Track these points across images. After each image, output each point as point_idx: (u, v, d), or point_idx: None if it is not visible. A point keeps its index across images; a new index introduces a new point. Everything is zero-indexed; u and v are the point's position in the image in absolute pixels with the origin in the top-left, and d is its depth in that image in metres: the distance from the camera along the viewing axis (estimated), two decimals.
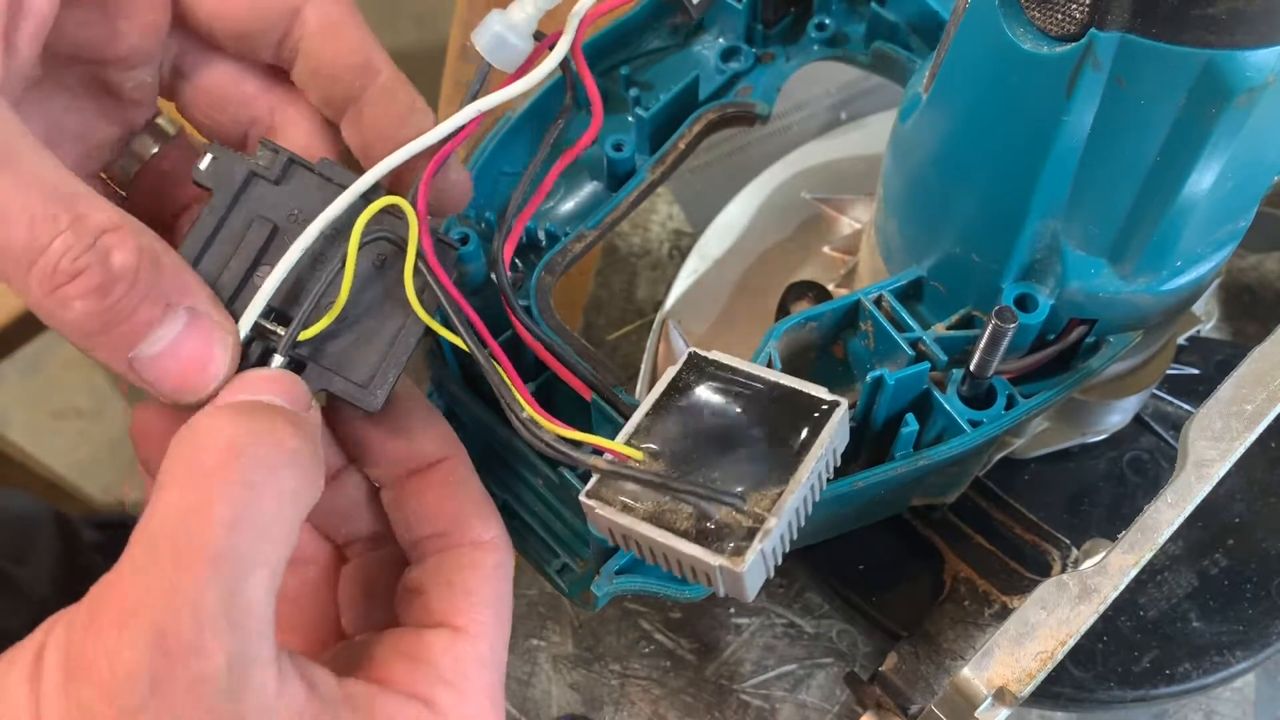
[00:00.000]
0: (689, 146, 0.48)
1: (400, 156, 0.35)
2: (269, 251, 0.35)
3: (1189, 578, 0.49)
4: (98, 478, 1.41)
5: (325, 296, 0.35)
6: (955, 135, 0.37)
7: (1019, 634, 0.36)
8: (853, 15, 0.51)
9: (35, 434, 1.41)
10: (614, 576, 0.39)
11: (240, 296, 0.35)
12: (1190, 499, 0.37)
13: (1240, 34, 0.29)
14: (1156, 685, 0.47)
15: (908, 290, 0.43)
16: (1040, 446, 0.50)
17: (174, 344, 0.32)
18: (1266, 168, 0.35)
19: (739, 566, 0.31)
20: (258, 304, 0.34)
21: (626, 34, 0.49)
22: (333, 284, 0.35)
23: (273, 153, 0.36)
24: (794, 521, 0.33)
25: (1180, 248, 0.36)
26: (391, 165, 0.35)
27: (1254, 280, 0.60)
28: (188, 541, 0.28)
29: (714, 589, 0.33)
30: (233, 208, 0.35)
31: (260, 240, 0.35)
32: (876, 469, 0.40)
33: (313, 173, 0.36)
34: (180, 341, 0.32)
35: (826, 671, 0.53)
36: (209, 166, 0.35)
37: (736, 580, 0.31)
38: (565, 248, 0.45)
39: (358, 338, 0.36)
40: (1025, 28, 0.32)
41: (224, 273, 0.35)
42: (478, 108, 0.36)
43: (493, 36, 0.37)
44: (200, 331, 0.33)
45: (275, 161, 0.36)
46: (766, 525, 0.31)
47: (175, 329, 0.32)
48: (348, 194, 0.35)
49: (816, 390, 0.34)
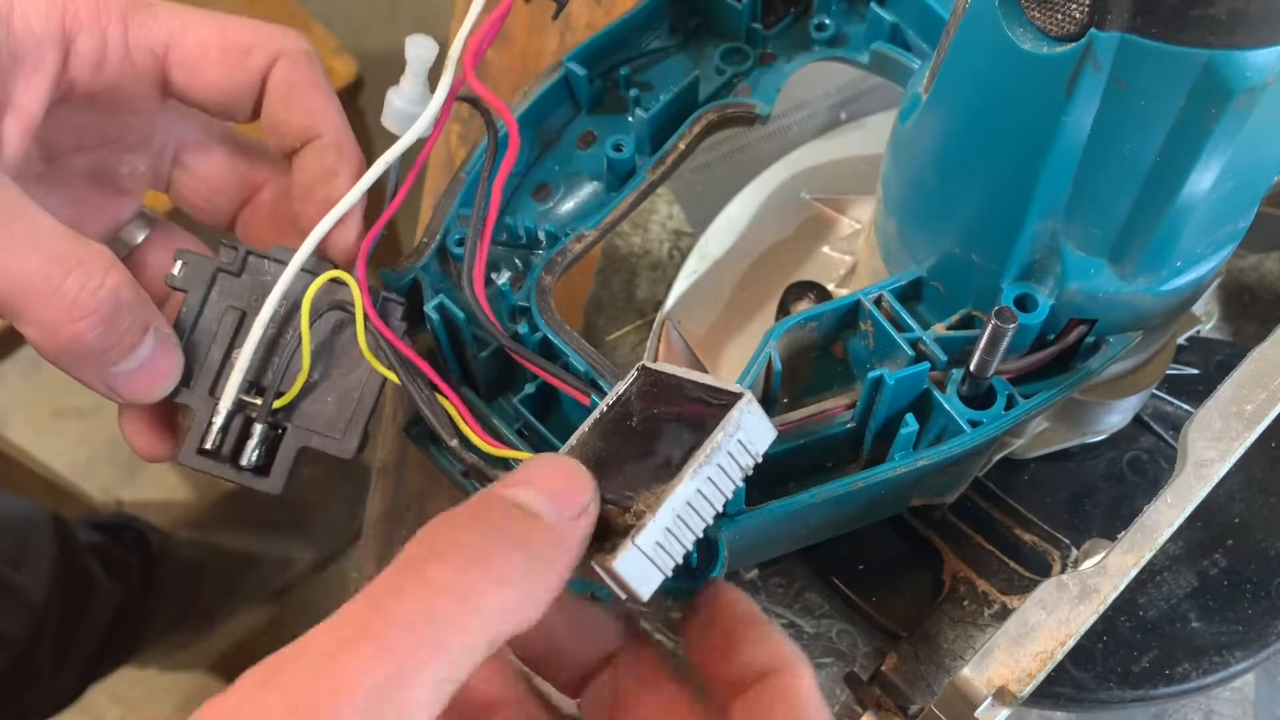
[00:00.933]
0: (689, 147, 0.48)
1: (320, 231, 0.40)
2: (240, 335, 0.41)
3: (1188, 578, 0.49)
4: (97, 478, 1.41)
5: (292, 365, 0.41)
6: (955, 136, 0.37)
7: (1019, 634, 0.36)
8: (852, 15, 0.51)
9: (35, 434, 1.41)
10: None
11: (221, 379, 0.41)
12: (1190, 499, 0.37)
13: (1240, 34, 0.29)
14: (1156, 685, 0.47)
15: (908, 290, 0.43)
16: (1040, 446, 0.50)
17: (147, 360, 0.38)
18: (1266, 168, 0.35)
19: (609, 563, 0.31)
20: (235, 381, 0.40)
21: (626, 35, 0.50)
22: (296, 354, 0.40)
23: (232, 249, 0.41)
24: (686, 516, 0.32)
25: (1180, 248, 0.36)
26: (316, 239, 0.40)
27: (1254, 280, 0.60)
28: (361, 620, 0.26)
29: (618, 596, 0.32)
30: (205, 302, 0.41)
31: (232, 327, 0.41)
32: (876, 469, 0.40)
33: (268, 260, 0.42)
34: (151, 358, 0.38)
35: (826, 671, 0.53)
36: (181, 271, 0.41)
37: (617, 579, 0.31)
38: (565, 248, 0.45)
39: (327, 396, 0.42)
40: (1025, 28, 0.32)
41: (206, 359, 0.41)
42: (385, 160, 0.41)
43: (395, 112, 0.41)
44: (165, 348, 0.39)
45: (235, 257, 0.41)
46: (642, 520, 0.31)
47: (148, 349, 0.38)
48: (285, 275, 0.40)
49: (725, 385, 0.34)
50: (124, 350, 0.37)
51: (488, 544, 0.28)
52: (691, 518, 0.32)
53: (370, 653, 0.25)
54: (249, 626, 1.33)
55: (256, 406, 0.41)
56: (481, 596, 0.27)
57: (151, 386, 0.39)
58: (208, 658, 1.32)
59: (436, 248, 0.44)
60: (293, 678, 0.25)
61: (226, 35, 0.40)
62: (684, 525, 0.32)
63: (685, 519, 0.32)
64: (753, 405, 0.33)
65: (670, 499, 0.31)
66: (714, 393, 0.34)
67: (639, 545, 0.31)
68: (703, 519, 0.33)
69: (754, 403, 0.33)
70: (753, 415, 0.33)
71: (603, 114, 0.49)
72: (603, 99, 0.49)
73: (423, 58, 0.41)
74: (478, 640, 0.27)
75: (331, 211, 0.40)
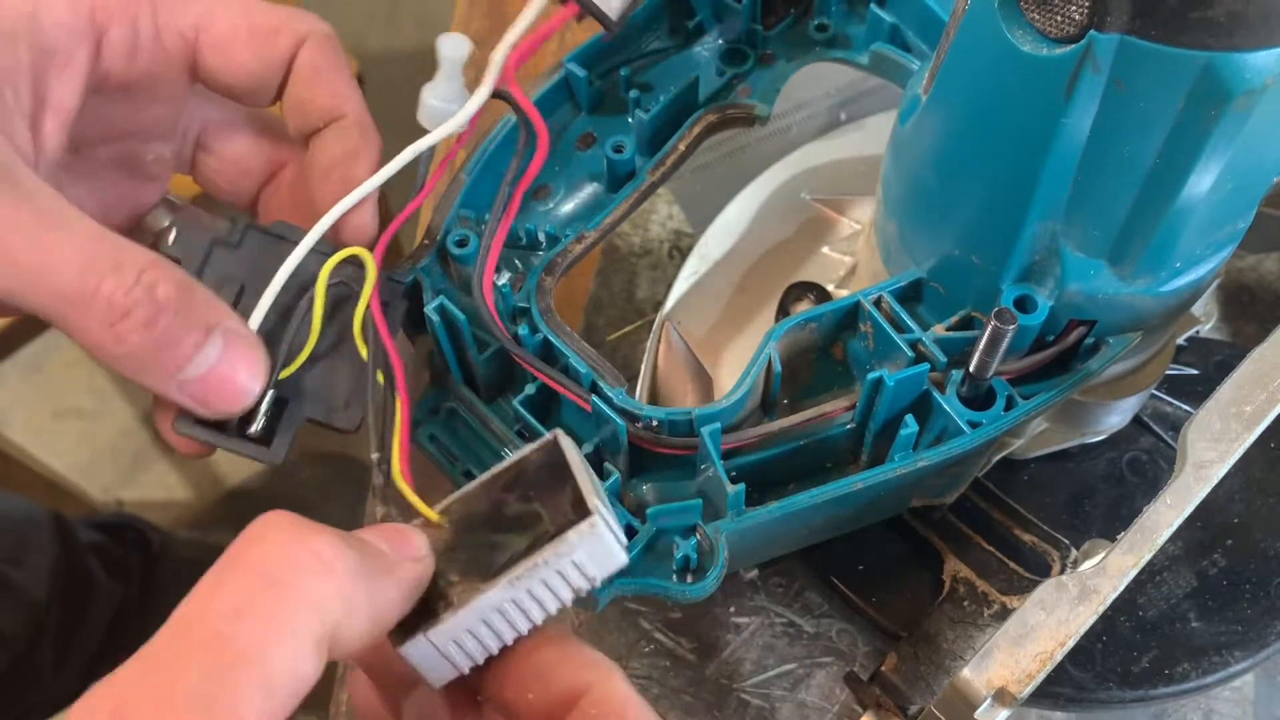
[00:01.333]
0: (689, 148, 0.48)
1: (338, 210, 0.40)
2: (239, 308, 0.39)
3: (1188, 578, 0.49)
4: (98, 478, 1.41)
5: (297, 337, 0.39)
6: (954, 137, 0.37)
7: (1018, 635, 0.36)
8: (852, 16, 0.51)
9: (35, 434, 1.41)
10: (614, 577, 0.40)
11: None
12: (1189, 500, 0.37)
13: (1239, 36, 0.29)
14: (1156, 685, 0.47)
15: (907, 291, 0.43)
16: (1039, 447, 0.50)
17: (217, 364, 0.36)
18: (1266, 170, 0.35)
19: (398, 644, 0.32)
20: None
21: (626, 35, 0.50)
22: (302, 326, 0.39)
23: (230, 221, 0.41)
24: (492, 622, 0.32)
25: (1179, 249, 0.37)
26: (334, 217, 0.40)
27: (1253, 281, 0.60)
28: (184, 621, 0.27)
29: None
30: (201, 274, 0.40)
31: (231, 300, 0.40)
32: (876, 470, 0.40)
33: (268, 234, 0.41)
34: (221, 360, 0.36)
35: (826, 671, 0.53)
36: (175, 239, 0.41)
37: (408, 661, 0.32)
38: (565, 249, 0.45)
39: (331, 371, 0.41)
40: (1024, 29, 0.32)
41: None
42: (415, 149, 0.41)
43: (431, 110, 0.42)
44: (237, 349, 0.37)
45: (234, 229, 0.41)
46: (441, 616, 0.32)
47: (216, 350, 0.36)
48: (300, 249, 0.39)
49: (590, 497, 0.33)
50: (184, 354, 0.35)
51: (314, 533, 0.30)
52: (499, 624, 0.32)
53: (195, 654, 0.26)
54: None
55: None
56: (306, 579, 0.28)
57: (231, 392, 0.37)
58: None
59: (437, 249, 0.44)
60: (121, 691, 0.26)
61: (254, 17, 0.40)
62: (489, 630, 0.32)
63: (491, 624, 0.32)
64: (597, 530, 0.32)
65: (475, 602, 0.32)
66: (576, 503, 0.33)
67: (430, 638, 0.32)
68: (514, 629, 0.33)
69: (600, 528, 0.32)
70: (595, 539, 0.32)
71: (603, 115, 0.49)
72: (603, 100, 0.49)
73: (455, 57, 0.42)
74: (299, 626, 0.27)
75: (353, 192, 0.40)
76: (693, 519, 0.40)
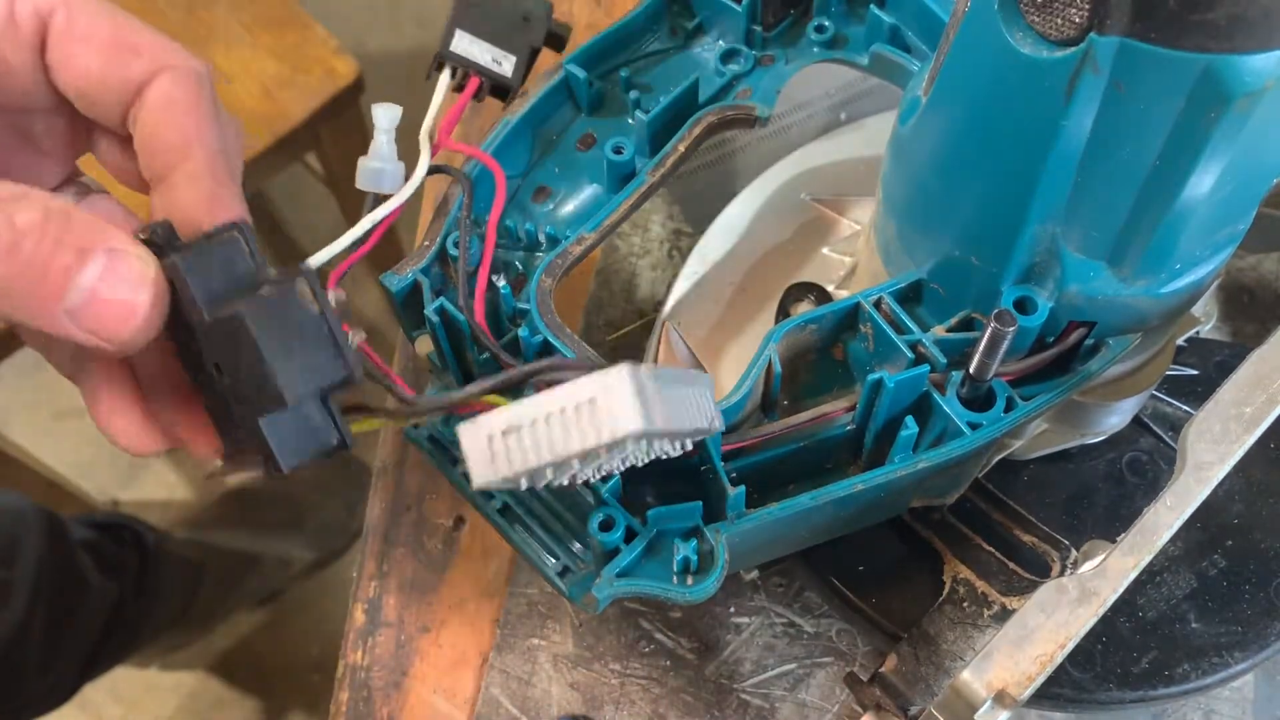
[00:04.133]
0: (689, 149, 0.48)
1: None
2: None
3: (1188, 579, 0.49)
4: (97, 478, 1.41)
5: None
6: (954, 139, 0.37)
7: (1018, 637, 0.36)
8: (852, 17, 0.51)
9: (35, 434, 1.41)
10: (615, 579, 0.40)
11: None
12: (1189, 502, 0.37)
13: (1239, 39, 0.29)
14: (1155, 686, 0.47)
15: (907, 292, 0.43)
16: (1039, 448, 0.50)
17: (97, 287, 0.32)
18: (1265, 171, 0.35)
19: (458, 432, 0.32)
20: None
21: (626, 37, 0.50)
22: None
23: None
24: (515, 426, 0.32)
25: (1179, 251, 0.37)
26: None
27: (1253, 281, 0.60)
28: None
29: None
30: None
31: None
32: (876, 471, 0.40)
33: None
34: (101, 281, 0.32)
35: (826, 671, 0.53)
36: None
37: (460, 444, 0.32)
38: (565, 251, 0.45)
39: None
40: (1024, 32, 0.32)
41: None
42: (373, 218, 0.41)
43: (367, 172, 0.42)
44: (118, 266, 0.33)
45: None
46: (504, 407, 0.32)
47: (95, 270, 0.32)
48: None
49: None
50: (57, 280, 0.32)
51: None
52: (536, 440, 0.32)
53: None
54: (248, 626, 1.34)
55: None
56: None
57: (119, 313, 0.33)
58: (207, 657, 1.32)
59: (437, 250, 0.44)
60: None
61: (120, 30, 0.37)
62: (525, 440, 0.32)
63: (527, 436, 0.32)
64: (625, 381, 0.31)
65: (543, 397, 0.31)
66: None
67: (479, 423, 0.32)
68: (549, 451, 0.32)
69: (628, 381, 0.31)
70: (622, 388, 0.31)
71: (603, 116, 0.49)
72: (603, 101, 0.49)
73: (389, 119, 0.43)
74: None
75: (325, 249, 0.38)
76: (693, 521, 0.40)
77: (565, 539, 0.43)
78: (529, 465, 0.32)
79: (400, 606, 0.56)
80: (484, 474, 0.32)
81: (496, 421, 0.32)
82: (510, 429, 0.32)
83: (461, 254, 0.43)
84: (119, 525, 1.18)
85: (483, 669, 0.54)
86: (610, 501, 0.40)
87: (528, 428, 0.32)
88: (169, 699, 1.31)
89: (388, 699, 0.54)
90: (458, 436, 0.32)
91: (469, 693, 0.54)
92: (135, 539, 1.17)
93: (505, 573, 0.56)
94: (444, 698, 0.54)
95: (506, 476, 0.32)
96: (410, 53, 1.60)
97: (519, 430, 0.32)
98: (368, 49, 1.60)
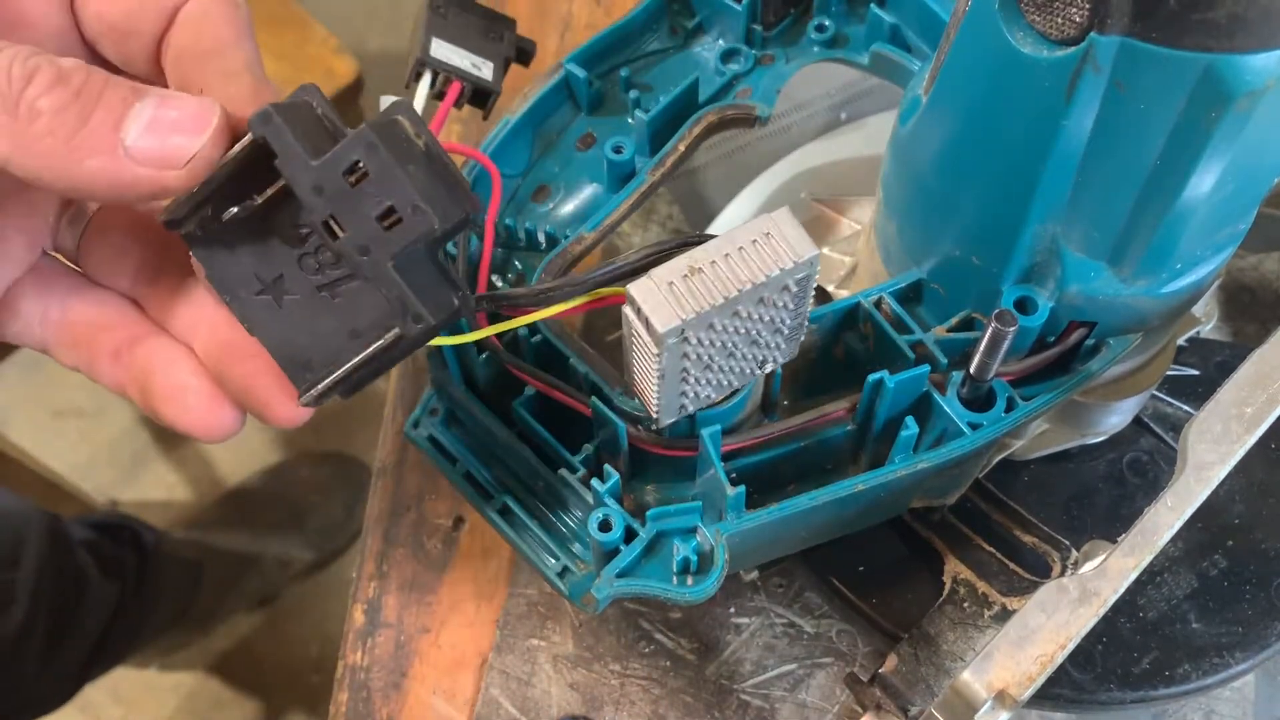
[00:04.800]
0: (689, 148, 0.48)
1: None
2: None
3: (1188, 579, 0.49)
4: (97, 478, 1.41)
5: None
6: (955, 138, 0.37)
7: (1019, 637, 0.36)
8: (852, 17, 0.51)
9: (35, 434, 1.41)
10: (614, 579, 0.40)
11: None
12: (1190, 502, 0.37)
13: (1240, 38, 0.29)
14: (1156, 686, 0.47)
15: (908, 292, 0.43)
16: (1040, 448, 0.50)
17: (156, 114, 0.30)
18: (1266, 171, 0.35)
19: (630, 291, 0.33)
20: None
21: (626, 36, 0.50)
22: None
23: None
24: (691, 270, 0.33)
25: (1180, 251, 0.36)
26: None
27: (1253, 281, 0.60)
28: None
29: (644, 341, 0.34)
30: None
31: None
32: (876, 472, 0.40)
33: None
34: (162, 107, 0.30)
35: (826, 671, 0.53)
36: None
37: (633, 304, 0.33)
38: (564, 250, 0.45)
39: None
40: (1025, 31, 0.32)
41: None
42: None
43: None
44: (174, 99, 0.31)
45: None
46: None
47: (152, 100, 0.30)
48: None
49: None
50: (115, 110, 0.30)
51: None
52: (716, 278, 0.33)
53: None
54: (248, 626, 1.34)
55: None
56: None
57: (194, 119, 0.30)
58: (207, 657, 1.32)
59: None
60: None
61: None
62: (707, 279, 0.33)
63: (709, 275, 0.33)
64: (789, 216, 0.34)
65: (715, 243, 0.33)
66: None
67: (652, 276, 0.33)
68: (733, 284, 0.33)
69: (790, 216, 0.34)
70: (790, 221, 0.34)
71: (603, 116, 0.49)
72: (603, 100, 0.49)
73: None
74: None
75: None
76: (693, 521, 0.40)
77: (565, 539, 0.43)
78: (715, 301, 0.33)
79: (400, 607, 0.55)
80: (669, 318, 0.33)
81: (676, 267, 0.33)
82: (692, 271, 0.33)
83: (461, 253, 0.43)
84: (118, 525, 1.18)
85: (482, 669, 0.54)
86: (610, 502, 0.40)
87: (708, 268, 0.33)
88: (169, 699, 1.31)
89: (387, 700, 0.54)
90: (630, 294, 0.33)
91: (469, 693, 0.54)
92: (134, 539, 1.17)
93: (505, 573, 0.56)
94: (443, 698, 0.54)
95: (698, 313, 0.33)
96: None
97: (700, 271, 0.33)
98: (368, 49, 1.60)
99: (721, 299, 0.33)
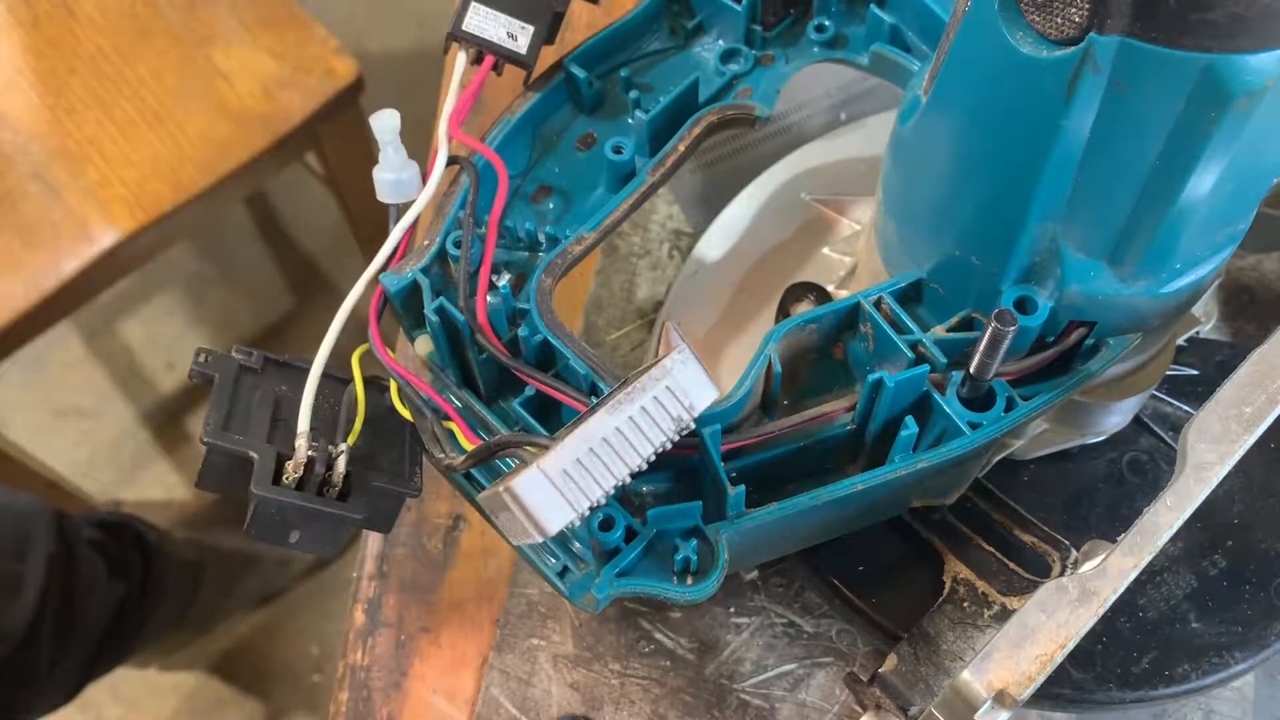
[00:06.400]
0: (689, 149, 0.48)
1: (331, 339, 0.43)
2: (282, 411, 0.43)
3: (1188, 579, 0.49)
4: (97, 478, 1.41)
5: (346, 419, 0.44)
6: (954, 138, 0.37)
7: (1019, 637, 0.36)
8: (852, 17, 0.51)
9: (36, 434, 1.41)
10: (615, 579, 0.40)
11: (275, 436, 0.42)
12: (1189, 502, 0.37)
13: (1240, 38, 0.29)
14: (1156, 686, 0.47)
15: (907, 292, 0.43)
16: (1040, 448, 0.50)
17: None
18: (1266, 171, 0.35)
19: (509, 482, 0.31)
20: (305, 417, 0.41)
21: (626, 36, 0.50)
22: (349, 412, 0.44)
23: (248, 352, 0.45)
24: (601, 452, 0.32)
25: (1179, 251, 0.36)
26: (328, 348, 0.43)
27: (1253, 281, 0.60)
28: None
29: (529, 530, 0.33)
30: (237, 384, 0.43)
31: (270, 399, 0.44)
32: (876, 471, 0.40)
33: (281, 363, 0.45)
34: None
35: (826, 671, 0.53)
36: (204, 360, 0.44)
37: (519, 503, 0.31)
38: (564, 250, 0.45)
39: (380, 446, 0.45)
40: (1024, 31, 0.32)
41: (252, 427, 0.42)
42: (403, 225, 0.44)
43: (386, 185, 0.44)
44: None
45: (252, 359, 0.44)
46: (549, 450, 0.32)
47: None
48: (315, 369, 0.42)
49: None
50: None
51: None
52: (609, 456, 0.32)
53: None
54: (249, 626, 1.34)
55: (323, 451, 0.42)
56: None
57: None
58: (208, 657, 1.32)
59: (437, 250, 0.44)
60: None
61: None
62: (599, 462, 0.32)
63: (600, 455, 0.32)
64: (689, 360, 0.33)
65: (582, 428, 0.31)
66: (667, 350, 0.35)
67: (543, 468, 0.31)
68: (623, 462, 0.32)
69: (691, 359, 0.33)
70: (687, 367, 0.34)
71: (603, 116, 0.49)
72: (603, 101, 0.49)
73: (390, 127, 0.43)
74: None
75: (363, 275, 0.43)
76: (693, 521, 0.40)
77: (565, 539, 0.43)
78: (611, 483, 0.32)
79: (400, 607, 0.56)
80: (558, 518, 0.31)
81: (555, 459, 0.31)
82: (580, 457, 0.31)
83: (464, 254, 0.43)
84: (121, 525, 1.18)
85: (483, 669, 0.54)
86: (610, 502, 0.40)
87: (599, 446, 0.31)
88: (169, 699, 1.31)
89: (388, 699, 0.54)
90: (512, 498, 0.31)
91: (469, 693, 0.54)
92: (137, 539, 1.17)
93: (505, 573, 0.56)
94: (444, 698, 0.54)
95: (590, 505, 0.32)
96: (410, 53, 1.60)
97: (589, 453, 0.31)
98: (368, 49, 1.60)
99: (613, 482, 0.32)
